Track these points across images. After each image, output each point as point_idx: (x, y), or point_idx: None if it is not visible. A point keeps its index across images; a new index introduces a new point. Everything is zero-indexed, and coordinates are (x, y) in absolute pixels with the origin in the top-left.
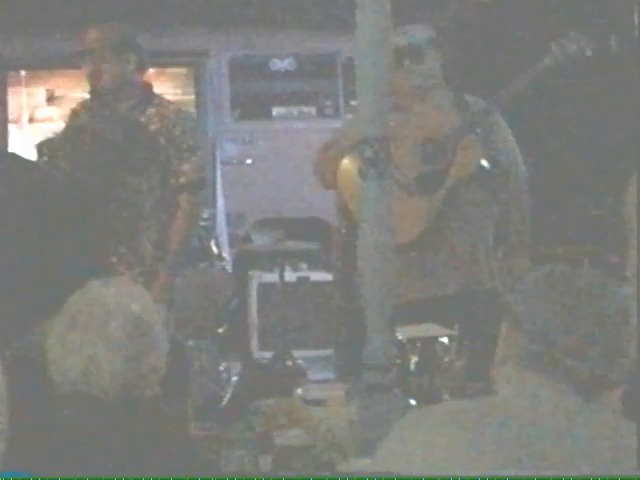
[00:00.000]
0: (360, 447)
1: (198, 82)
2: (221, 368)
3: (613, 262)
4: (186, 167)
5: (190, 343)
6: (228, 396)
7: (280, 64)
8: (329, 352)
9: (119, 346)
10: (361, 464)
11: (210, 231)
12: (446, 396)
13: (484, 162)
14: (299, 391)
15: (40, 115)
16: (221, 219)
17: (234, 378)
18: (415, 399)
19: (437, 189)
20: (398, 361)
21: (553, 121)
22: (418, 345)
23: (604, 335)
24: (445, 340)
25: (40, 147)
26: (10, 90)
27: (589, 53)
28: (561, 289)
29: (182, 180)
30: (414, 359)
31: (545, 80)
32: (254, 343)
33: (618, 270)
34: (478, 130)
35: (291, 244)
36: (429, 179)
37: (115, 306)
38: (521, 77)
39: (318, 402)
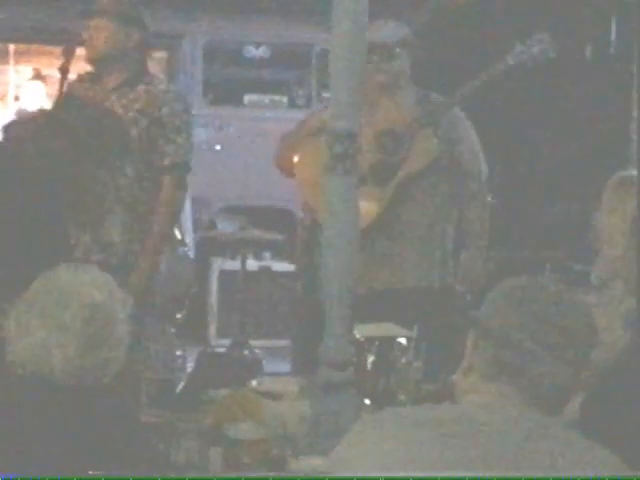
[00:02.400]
0: (311, 444)
1: (171, 65)
2: (178, 353)
3: (576, 269)
4: (171, 148)
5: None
6: (182, 384)
7: (254, 51)
8: (287, 343)
9: (73, 334)
10: (312, 462)
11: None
12: (402, 397)
13: (442, 158)
14: (254, 383)
15: (26, 93)
16: (187, 204)
17: (189, 365)
18: (370, 399)
19: (390, 181)
20: (355, 360)
21: (519, 122)
22: (376, 344)
23: (569, 345)
24: (403, 341)
25: (7, 128)
26: None
27: (552, 54)
28: (528, 299)
29: (166, 162)
30: (371, 358)
31: (507, 79)
32: (212, 330)
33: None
34: (438, 125)
35: (255, 233)
36: (383, 170)
37: (74, 294)
38: (482, 74)
39: (272, 395)
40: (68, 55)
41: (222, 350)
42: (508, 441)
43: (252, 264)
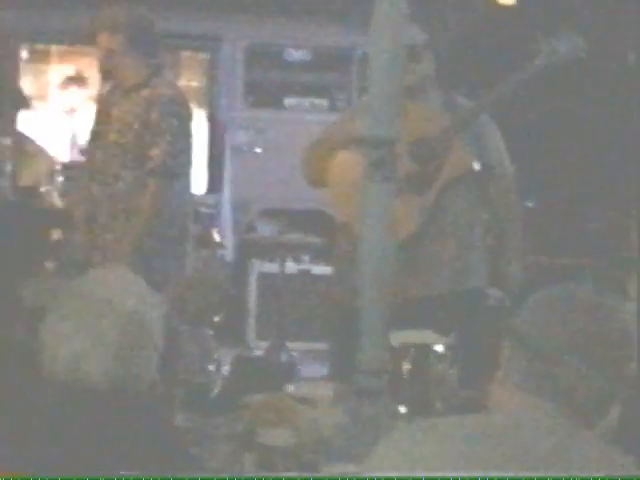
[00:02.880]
0: (345, 451)
1: (212, 68)
2: (215, 357)
3: (615, 276)
4: (155, 152)
5: (184, 330)
6: (217, 389)
7: (295, 55)
8: (325, 346)
9: (110, 344)
10: (345, 469)
11: (214, 218)
12: (437, 405)
13: (475, 164)
14: (290, 388)
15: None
16: (226, 206)
17: (225, 369)
18: (405, 406)
19: (426, 189)
20: (390, 367)
21: (562, 126)
22: (411, 351)
23: (607, 357)
24: (439, 348)
25: None
26: (38, 66)
27: (582, 54)
28: (565, 309)
29: (150, 165)
30: (406, 366)
31: (536, 81)
32: (251, 333)
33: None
34: (468, 131)
35: (292, 237)
36: (418, 179)
37: (109, 301)
38: (510, 77)
39: (308, 400)
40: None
41: (259, 354)
42: (540, 454)
43: (291, 267)
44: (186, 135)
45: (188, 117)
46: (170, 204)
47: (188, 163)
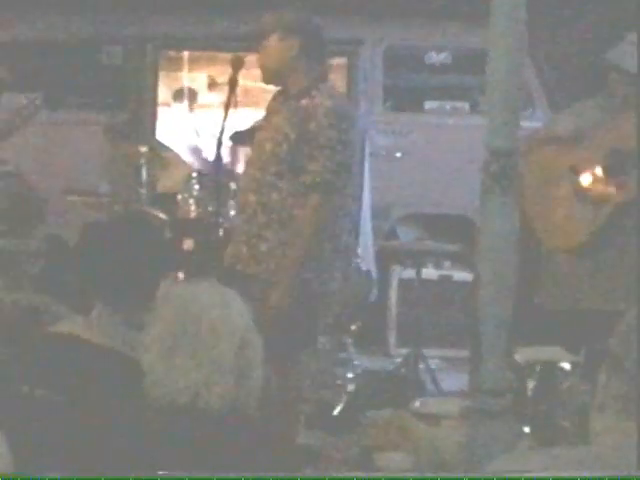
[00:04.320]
0: (466, 471)
1: (351, 72)
2: (356, 362)
3: None
4: (314, 166)
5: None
6: (342, 405)
7: (436, 57)
8: (467, 353)
9: (229, 367)
10: None
11: (354, 225)
12: (565, 424)
13: None
14: (416, 404)
15: (200, 101)
16: (366, 212)
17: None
18: (530, 426)
19: (605, 202)
20: (514, 385)
21: None
22: (537, 369)
23: None
24: (566, 365)
25: None
26: (171, 73)
27: None
28: None
29: (309, 179)
30: (532, 384)
31: None
32: (392, 339)
33: None
34: None
35: (430, 244)
36: (601, 190)
37: (222, 325)
38: None
39: (432, 418)
40: (236, 66)
41: (398, 361)
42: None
43: (432, 273)
44: (346, 147)
45: (349, 129)
46: (330, 219)
47: (348, 176)
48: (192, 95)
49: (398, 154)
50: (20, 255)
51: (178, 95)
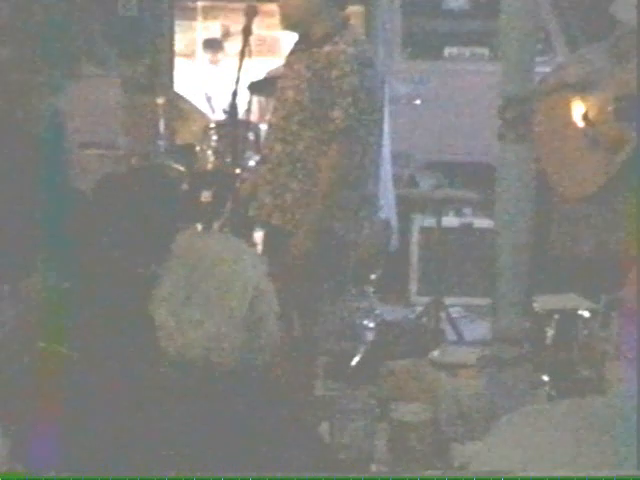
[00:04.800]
0: (486, 423)
1: (369, 19)
2: (377, 312)
3: None
4: (336, 113)
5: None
6: (360, 355)
7: (454, 3)
8: (488, 301)
9: (241, 321)
10: (476, 448)
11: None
12: (584, 372)
13: None
14: (435, 353)
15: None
16: (386, 160)
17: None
18: (548, 375)
19: (620, 148)
20: (532, 334)
21: None
22: (556, 317)
23: None
24: (585, 313)
25: None
26: (184, 23)
27: None
28: None
29: (331, 127)
30: (550, 332)
31: None
32: (413, 288)
33: None
34: None
35: (450, 191)
36: (616, 137)
37: (233, 277)
38: None
39: (452, 367)
40: (250, 15)
41: (419, 310)
42: None
43: (453, 221)
44: (369, 95)
45: (371, 75)
46: (352, 167)
47: (372, 124)
48: (217, 45)
49: (417, 101)
50: None
51: (209, 44)
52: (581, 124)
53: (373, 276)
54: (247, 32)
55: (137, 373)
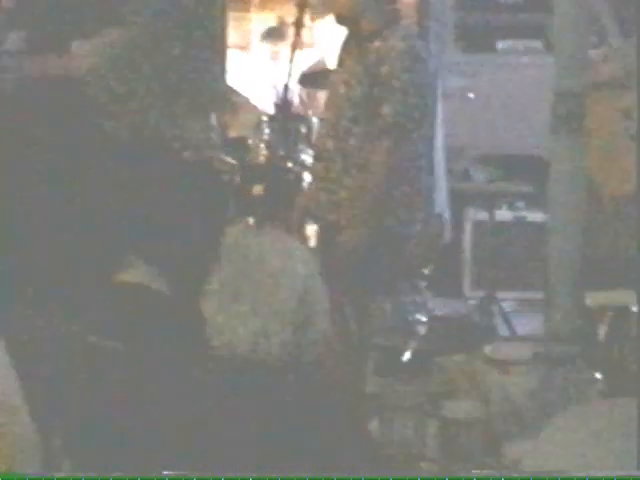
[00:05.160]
0: (538, 420)
1: (421, 12)
2: (430, 306)
3: None
4: (386, 110)
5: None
6: (410, 351)
7: None
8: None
9: (289, 317)
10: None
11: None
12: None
13: None
14: (488, 349)
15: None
16: (439, 154)
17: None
18: (601, 373)
19: None
20: (584, 330)
21: None
22: (609, 314)
23: None
24: (636, 309)
25: None
26: (238, 15)
27: None
28: None
29: (381, 123)
30: (603, 329)
31: None
32: (467, 282)
33: None
34: None
35: (503, 185)
36: None
37: (282, 272)
38: None
39: (504, 363)
40: (301, 6)
41: (473, 303)
42: None
43: (506, 214)
44: (420, 90)
45: (422, 71)
46: (404, 162)
47: (423, 120)
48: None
49: (471, 95)
50: None
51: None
52: (624, 121)
53: (426, 270)
54: (299, 24)
55: (186, 369)
